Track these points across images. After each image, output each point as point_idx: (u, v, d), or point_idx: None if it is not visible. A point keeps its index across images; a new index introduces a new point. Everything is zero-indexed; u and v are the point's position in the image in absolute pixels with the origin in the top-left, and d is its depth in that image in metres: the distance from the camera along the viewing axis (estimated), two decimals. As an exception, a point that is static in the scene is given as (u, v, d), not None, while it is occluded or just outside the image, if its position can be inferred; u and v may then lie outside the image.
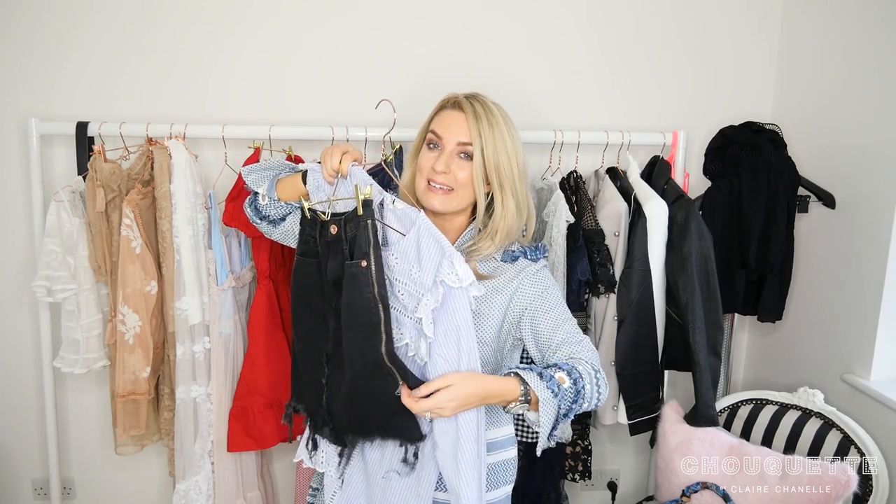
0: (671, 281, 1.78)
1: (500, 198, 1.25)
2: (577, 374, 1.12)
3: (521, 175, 1.26)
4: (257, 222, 1.38)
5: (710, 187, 1.95)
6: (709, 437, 1.76)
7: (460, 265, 1.12)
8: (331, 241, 1.18)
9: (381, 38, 1.94)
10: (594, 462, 2.10)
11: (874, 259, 1.71)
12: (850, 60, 1.81)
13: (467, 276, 1.12)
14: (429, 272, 1.14)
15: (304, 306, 1.28)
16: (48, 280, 1.73)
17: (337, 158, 1.22)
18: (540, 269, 1.27)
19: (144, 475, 2.12)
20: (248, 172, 1.35)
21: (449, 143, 1.23)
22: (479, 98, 1.26)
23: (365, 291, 1.12)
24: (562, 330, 1.20)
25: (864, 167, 1.75)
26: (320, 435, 1.31)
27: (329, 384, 1.25)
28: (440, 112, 1.28)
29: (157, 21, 1.88)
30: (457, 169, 1.23)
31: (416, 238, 1.16)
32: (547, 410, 1.08)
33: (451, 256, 1.12)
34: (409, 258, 1.17)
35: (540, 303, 1.23)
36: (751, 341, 2.23)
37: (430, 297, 1.14)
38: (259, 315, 1.80)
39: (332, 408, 1.26)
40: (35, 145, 1.82)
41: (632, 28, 2.01)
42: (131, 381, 1.76)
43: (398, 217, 1.18)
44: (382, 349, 1.13)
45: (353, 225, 1.15)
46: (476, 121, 1.22)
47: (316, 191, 1.27)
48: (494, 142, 1.22)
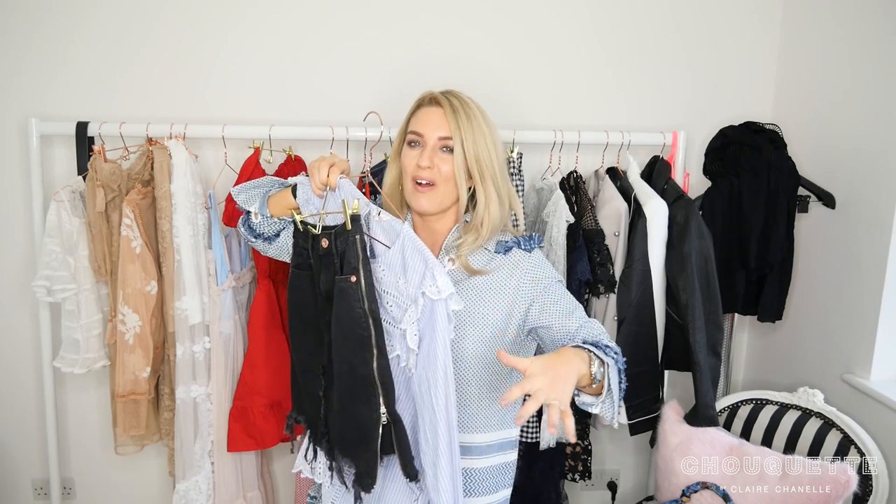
0: (671, 281, 1.78)
1: (481, 189, 1.25)
2: (612, 351, 1.12)
3: (500, 165, 1.27)
4: (252, 241, 1.39)
5: (710, 187, 1.95)
6: (709, 437, 1.76)
7: (441, 277, 1.12)
8: (322, 255, 1.19)
9: (382, 37, 1.94)
10: (594, 462, 2.10)
11: (874, 259, 1.71)
12: (851, 60, 1.81)
13: (447, 287, 1.12)
14: (414, 283, 1.15)
15: (300, 318, 1.28)
16: (48, 280, 1.73)
17: (325, 172, 1.22)
18: (536, 261, 1.27)
19: (144, 475, 2.12)
20: (239, 192, 1.36)
21: (430, 139, 1.23)
22: (454, 93, 1.27)
23: (355, 306, 1.13)
24: (575, 317, 1.20)
25: (864, 167, 1.75)
26: (319, 447, 1.31)
27: (326, 396, 1.26)
28: (417, 111, 1.28)
29: (158, 21, 1.88)
30: (440, 163, 1.23)
31: (401, 249, 1.16)
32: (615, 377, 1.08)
33: (433, 268, 1.12)
34: (396, 269, 1.17)
35: (546, 296, 1.23)
36: (751, 341, 2.23)
37: (414, 308, 1.14)
38: (259, 315, 1.80)
39: (329, 420, 1.26)
40: (35, 145, 1.82)
41: (632, 28, 2.01)
42: (131, 381, 1.76)
43: (384, 229, 1.19)
44: (374, 364, 1.13)
45: (342, 239, 1.15)
46: (454, 114, 1.22)
47: (306, 204, 1.27)
48: (473, 134, 1.22)
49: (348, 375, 1.16)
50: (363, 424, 1.17)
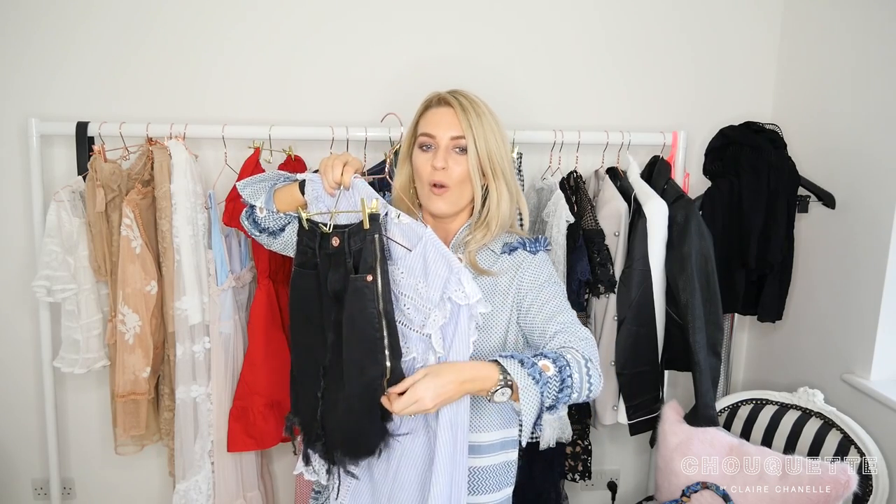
0: (671, 281, 1.78)
1: (494, 186, 1.25)
2: (563, 361, 1.09)
3: (510, 161, 1.28)
4: (256, 235, 1.38)
5: (710, 187, 1.95)
6: (709, 437, 1.76)
7: (468, 283, 1.12)
8: (332, 254, 1.18)
9: (382, 38, 1.94)
10: (594, 462, 2.10)
11: (874, 259, 1.71)
12: (851, 61, 1.81)
13: (475, 293, 1.12)
14: (436, 287, 1.14)
15: (303, 318, 1.27)
16: (48, 280, 1.73)
17: (339, 170, 1.21)
18: (539, 262, 1.27)
19: (144, 475, 2.12)
20: (244, 186, 1.34)
21: (442, 140, 1.23)
22: (462, 92, 1.27)
23: (369, 306, 1.12)
24: (556, 321, 1.19)
25: (864, 167, 1.75)
26: (312, 449, 1.29)
27: (324, 398, 1.24)
28: (426, 112, 1.27)
29: (158, 21, 1.88)
30: (454, 164, 1.23)
31: (422, 253, 1.16)
32: (529, 398, 1.05)
33: (459, 273, 1.12)
34: (416, 273, 1.16)
35: (536, 295, 1.23)
36: (751, 341, 2.23)
37: (438, 312, 1.14)
38: (259, 315, 1.80)
39: (325, 423, 1.24)
40: (35, 145, 1.82)
41: (632, 28, 2.01)
42: (131, 381, 1.76)
43: (403, 231, 1.18)
44: (387, 364, 1.13)
45: (357, 238, 1.14)
46: (465, 113, 1.22)
47: (315, 201, 1.25)
48: (484, 131, 1.22)
49: (357, 378, 1.15)
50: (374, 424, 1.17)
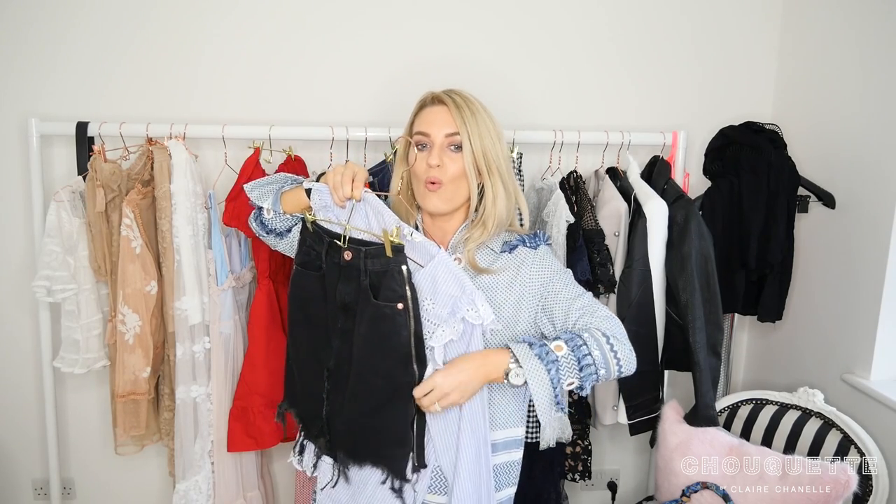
0: (671, 281, 1.78)
1: (489, 184, 1.26)
2: (579, 341, 1.13)
3: (506, 158, 1.28)
4: (264, 236, 1.39)
5: (710, 187, 1.95)
6: (709, 437, 1.76)
7: (482, 304, 1.15)
8: (343, 266, 1.19)
9: (382, 38, 1.94)
10: (594, 462, 2.10)
11: (874, 259, 1.71)
12: (851, 60, 1.80)
13: (488, 314, 1.15)
14: (444, 305, 1.17)
15: (303, 317, 1.28)
16: (48, 280, 1.73)
17: (349, 187, 1.21)
18: (542, 255, 1.28)
19: (144, 475, 2.12)
20: (252, 188, 1.35)
21: (437, 137, 1.24)
22: (456, 90, 1.28)
23: (402, 330, 1.15)
24: (575, 307, 1.22)
25: (864, 167, 1.75)
26: (314, 444, 1.32)
27: (330, 399, 1.26)
28: (421, 112, 1.28)
29: (158, 21, 1.88)
30: (449, 162, 1.23)
31: (432, 272, 1.17)
32: (535, 376, 1.09)
33: (472, 294, 1.15)
34: (423, 290, 1.18)
35: (549, 288, 1.24)
36: (751, 341, 2.23)
37: (447, 329, 1.16)
38: (259, 315, 1.80)
39: (332, 422, 1.27)
40: (35, 145, 1.82)
41: (632, 28, 2.01)
42: (131, 381, 1.76)
43: (415, 249, 1.19)
44: (416, 373, 1.17)
45: (377, 262, 1.16)
46: (459, 110, 1.23)
47: (323, 210, 1.26)
48: (479, 128, 1.23)
49: (387, 389, 1.18)
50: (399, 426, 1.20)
